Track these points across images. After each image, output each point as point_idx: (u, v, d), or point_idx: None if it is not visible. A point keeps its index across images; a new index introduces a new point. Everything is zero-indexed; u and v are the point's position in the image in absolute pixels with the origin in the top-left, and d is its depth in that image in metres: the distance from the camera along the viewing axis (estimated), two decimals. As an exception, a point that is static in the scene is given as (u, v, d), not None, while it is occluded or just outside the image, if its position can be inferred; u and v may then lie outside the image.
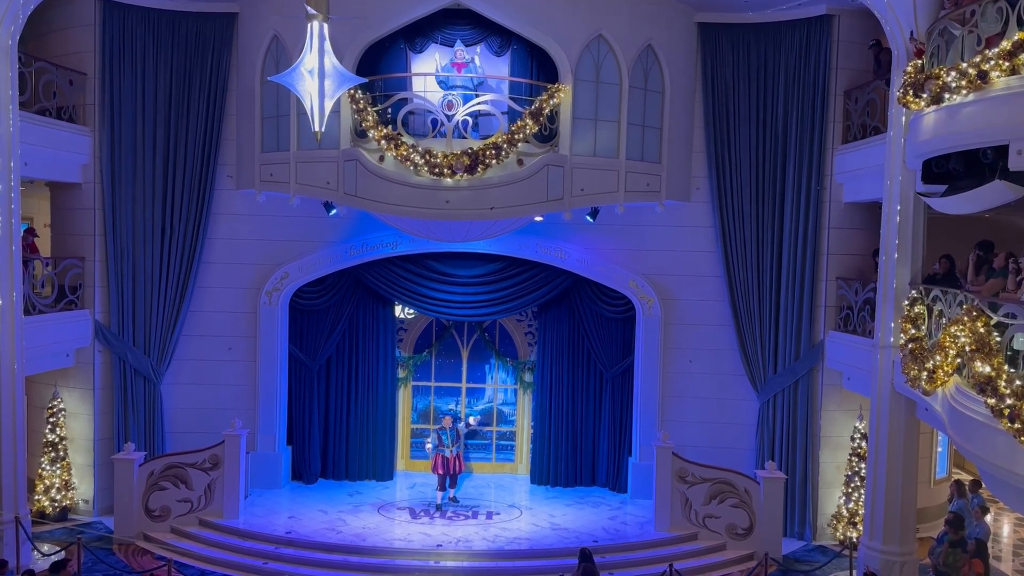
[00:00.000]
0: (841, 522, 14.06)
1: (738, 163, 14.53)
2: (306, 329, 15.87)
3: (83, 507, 14.76)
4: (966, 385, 8.75)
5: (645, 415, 15.29)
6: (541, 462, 16.14)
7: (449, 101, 13.17)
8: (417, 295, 15.66)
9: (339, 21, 9.17)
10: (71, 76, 14.19)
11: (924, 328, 10.82)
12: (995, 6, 8.87)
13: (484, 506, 14.87)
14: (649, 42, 13.82)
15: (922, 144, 10.26)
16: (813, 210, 14.25)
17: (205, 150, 14.72)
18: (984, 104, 8.81)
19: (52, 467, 14.41)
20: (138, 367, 14.72)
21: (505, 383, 16.86)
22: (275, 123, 14.00)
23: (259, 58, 14.07)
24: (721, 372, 15.10)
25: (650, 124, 14.03)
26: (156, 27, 14.42)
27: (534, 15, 13.25)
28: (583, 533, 13.65)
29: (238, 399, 15.27)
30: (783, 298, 14.47)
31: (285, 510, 14.43)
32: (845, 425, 14.43)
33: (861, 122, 13.64)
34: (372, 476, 16.11)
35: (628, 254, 15.24)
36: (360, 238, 15.26)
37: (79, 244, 14.68)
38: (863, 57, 14.06)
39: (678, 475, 13.71)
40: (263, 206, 14.75)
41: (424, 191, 13.02)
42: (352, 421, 16.11)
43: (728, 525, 13.52)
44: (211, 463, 13.77)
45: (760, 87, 14.39)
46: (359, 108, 13.08)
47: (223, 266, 15.20)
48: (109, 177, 14.45)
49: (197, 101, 14.60)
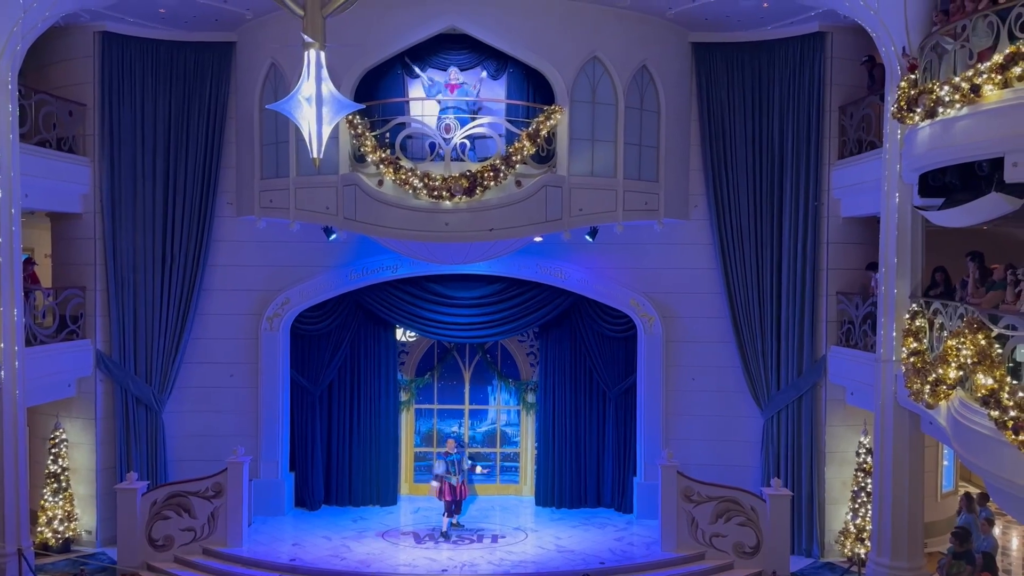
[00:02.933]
0: (849, 538, 13.97)
1: (735, 180, 14.59)
2: (308, 354, 15.86)
3: (86, 538, 14.66)
4: (969, 398, 8.73)
5: (649, 434, 15.23)
6: (546, 483, 16.07)
7: (447, 124, 13.25)
8: (418, 318, 15.66)
9: (336, 48, 9.24)
10: (71, 107, 14.28)
11: (926, 341, 10.80)
12: (986, 21, 8.94)
13: (489, 529, 14.79)
14: (644, 62, 13.93)
15: (918, 158, 10.30)
16: (812, 225, 14.28)
17: (205, 178, 14.79)
18: (978, 117, 8.86)
19: (54, 498, 14.34)
20: (140, 396, 14.70)
21: (508, 404, 16.83)
22: (274, 149, 14.08)
23: (257, 86, 14.17)
24: (724, 389, 15.07)
25: (647, 143, 14.11)
26: (154, 57, 14.55)
27: (529, 38, 13.36)
28: (589, 555, 13.56)
29: (240, 426, 15.23)
30: (784, 314, 14.46)
31: (289, 537, 14.35)
32: (850, 440, 14.37)
33: (857, 137, 13.70)
34: (376, 501, 16.02)
35: (628, 273, 15.25)
36: (360, 262, 15.29)
37: (80, 274, 14.71)
38: (857, 73, 14.15)
39: (684, 494, 13.63)
40: (263, 232, 14.80)
41: (423, 214, 13.07)
42: (355, 446, 16.05)
43: (735, 544, 13.43)
44: (214, 491, 13.71)
45: (755, 104, 14.48)
46: (357, 133, 13.16)
47: (224, 293, 15.22)
48: (109, 207, 14.51)
49: (196, 129, 14.70)
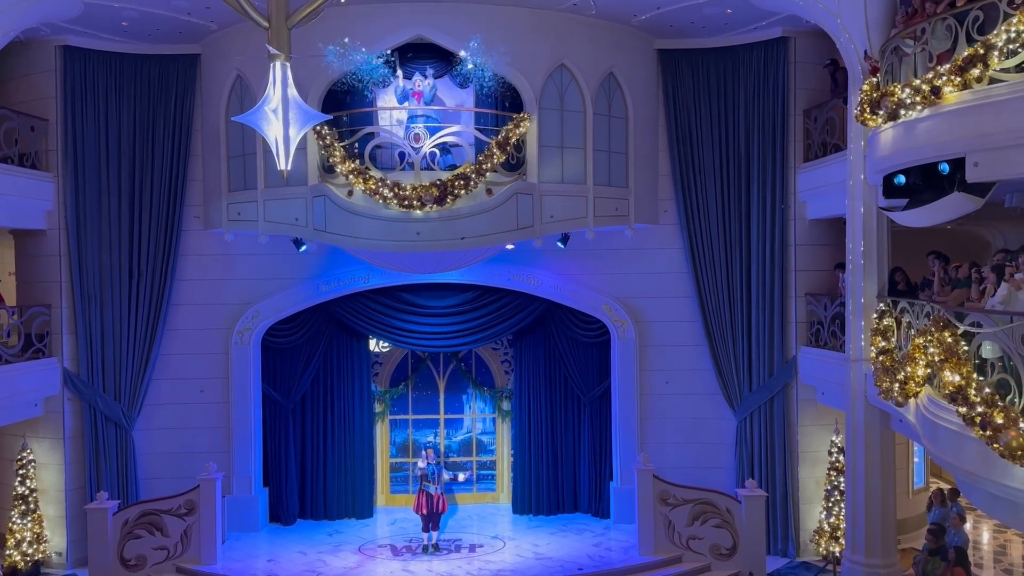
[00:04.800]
0: (823, 537, 14.08)
1: (704, 184, 14.71)
2: (279, 367, 15.71)
3: (56, 560, 14.37)
4: (937, 395, 8.85)
5: (624, 438, 15.28)
6: (522, 491, 16.04)
7: (416, 133, 13.22)
8: (391, 328, 15.59)
9: (302, 59, 9.20)
10: (32, 122, 14.06)
11: (894, 340, 10.95)
12: (944, 24, 9.12)
13: (467, 539, 14.71)
14: (611, 70, 14.01)
15: (881, 160, 10.46)
16: (779, 228, 14.44)
17: (171, 191, 14.62)
18: (939, 119, 9.01)
19: (23, 520, 14.04)
20: (109, 414, 14.47)
21: (483, 412, 16.79)
22: (241, 162, 13.96)
23: (223, 98, 14.05)
24: (698, 392, 15.17)
25: (616, 149, 14.19)
26: (117, 71, 14.37)
27: (497, 48, 13.37)
28: (567, 561, 13.55)
29: (212, 442, 15.04)
30: (754, 316, 14.60)
31: (264, 553, 14.18)
32: (822, 440, 14.51)
33: (821, 140, 13.88)
34: (352, 514, 15.88)
35: (600, 278, 15.31)
36: (331, 273, 15.19)
37: (45, 291, 14.45)
38: (820, 77, 14.35)
39: (660, 498, 13.68)
40: (232, 245, 14.66)
41: (394, 224, 13.02)
42: (329, 459, 15.89)
43: (712, 546, 13.49)
44: (187, 508, 13.52)
45: (721, 110, 14.63)
46: (326, 144, 13.08)
47: (193, 307, 15.04)
48: (74, 223, 14.29)
49: (162, 143, 14.53)
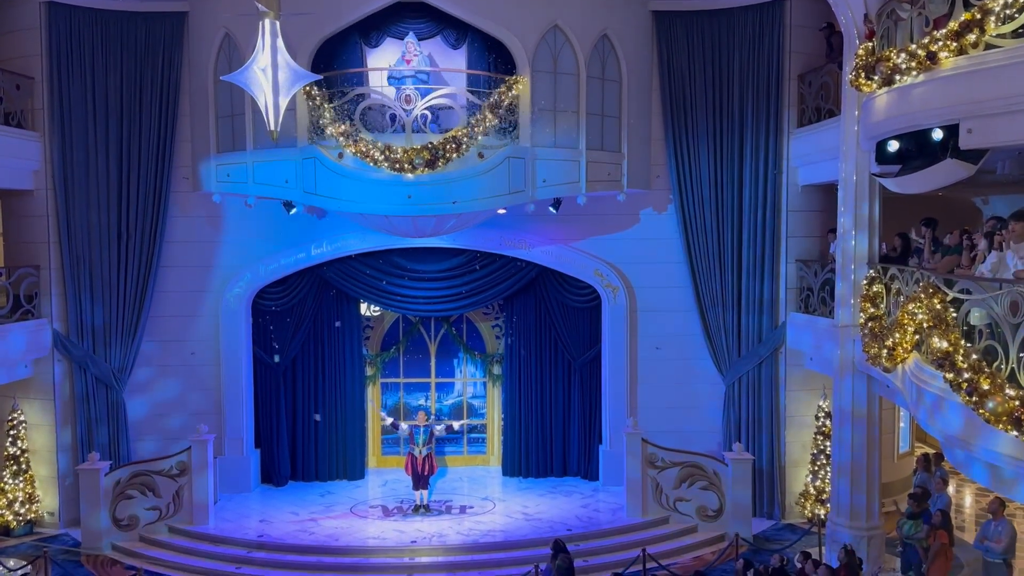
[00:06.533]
0: (809, 500, 14.29)
1: (697, 150, 14.64)
2: (271, 330, 15.70)
3: (48, 520, 14.47)
4: (925, 361, 8.91)
5: (614, 402, 15.39)
6: (513, 454, 16.18)
7: (407, 95, 13.08)
8: (382, 292, 15.57)
9: (291, 17, 9.06)
10: (18, 81, 13.86)
11: (883, 306, 11.00)
12: (941, -12, 9.00)
13: (457, 500, 14.87)
14: (605, 31, 13.85)
15: (875, 126, 10.40)
16: (771, 194, 14.42)
17: (160, 152, 14.47)
18: (934, 85, 8.94)
19: (15, 480, 14.11)
20: (99, 375, 14.47)
21: (474, 376, 16.86)
22: (230, 122, 13.80)
23: (211, 57, 13.85)
24: (687, 357, 15.25)
25: (609, 113, 14.08)
26: (104, 28, 14.12)
27: (489, 6, 13.20)
28: (556, 522, 13.72)
29: (203, 404, 15.09)
30: (744, 282, 14.63)
31: (256, 514, 14.29)
32: (809, 405, 14.65)
33: (815, 105, 13.81)
34: (343, 475, 16.02)
35: (592, 243, 15.30)
36: (322, 236, 15.11)
37: (34, 252, 14.36)
38: (816, 41, 14.23)
39: (648, 460, 13.82)
40: (221, 207, 14.57)
41: (385, 187, 12.93)
42: (321, 421, 15.97)
43: (699, 507, 13.69)
44: (178, 470, 13.61)
45: (715, 73, 14.50)
46: (316, 105, 12.94)
47: (183, 269, 14.97)
48: (62, 183, 14.15)
49: (149, 102, 14.34)
